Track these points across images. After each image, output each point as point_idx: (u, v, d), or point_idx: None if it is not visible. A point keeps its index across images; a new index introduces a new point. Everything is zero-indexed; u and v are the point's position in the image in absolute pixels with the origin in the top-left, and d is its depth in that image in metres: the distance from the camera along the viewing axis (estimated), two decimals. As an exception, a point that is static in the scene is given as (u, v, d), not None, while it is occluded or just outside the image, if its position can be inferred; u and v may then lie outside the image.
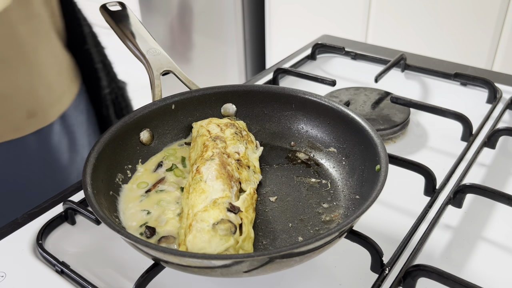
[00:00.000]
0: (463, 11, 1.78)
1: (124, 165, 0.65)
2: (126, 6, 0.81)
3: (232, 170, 0.61)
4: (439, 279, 0.53)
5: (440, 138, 0.87)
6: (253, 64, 2.67)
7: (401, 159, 0.70)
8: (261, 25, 2.56)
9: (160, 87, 0.72)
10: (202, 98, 0.74)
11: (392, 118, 0.87)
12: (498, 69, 1.81)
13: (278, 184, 0.67)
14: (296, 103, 0.73)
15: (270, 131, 0.75)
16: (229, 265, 0.47)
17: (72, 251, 0.64)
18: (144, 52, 0.73)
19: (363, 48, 1.20)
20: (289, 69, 1.04)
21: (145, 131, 0.69)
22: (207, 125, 0.69)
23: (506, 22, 1.72)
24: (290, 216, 0.61)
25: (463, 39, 1.83)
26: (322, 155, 0.70)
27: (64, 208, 0.67)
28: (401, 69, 1.09)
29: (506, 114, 0.93)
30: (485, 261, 0.62)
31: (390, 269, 0.56)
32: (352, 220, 0.50)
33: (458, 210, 0.69)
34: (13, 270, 0.61)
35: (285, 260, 0.49)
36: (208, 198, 0.55)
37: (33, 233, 0.66)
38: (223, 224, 0.51)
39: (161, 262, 0.51)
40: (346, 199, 0.63)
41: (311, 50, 1.17)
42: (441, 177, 0.70)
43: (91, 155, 0.59)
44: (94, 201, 0.52)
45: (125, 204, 0.61)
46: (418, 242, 0.59)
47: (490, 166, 0.80)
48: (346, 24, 2.12)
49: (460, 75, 1.00)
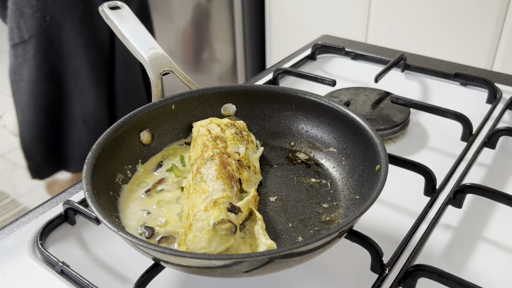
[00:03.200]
0: (463, 11, 1.78)
1: (124, 165, 0.65)
2: (126, 6, 0.81)
3: (233, 170, 0.61)
4: (439, 279, 0.53)
5: (440, 138, 0.87)
6: (253, 64, 2.67)
7: (401, 159, 0.70)
8: (261, 25, 2.56)
9: (160, 87, 0.72)
10: (202, 98, 0.74)
11: (392, 118, 0.87)
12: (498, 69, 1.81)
13: (278, 184, 0.67)
14: (296, 103, 0.73)
15: (270, 131, 0.75)
16: (229, 265, 0.47)
17: (72, 251, 0.64)
18: (144, 52, 0.73)
19: (363, 48, 1.20)
20: (289, 69, 1.04)
21: (145, 131, 0.69)
22: (208, 125, 0.69)
23: (506, 22, 1.72)
24: (290, 216, 0.61)
25: (463, 39, 1.83)
26: (322, 155, 0.70)
27: (64, 208, 0.67)
28: (401, 69, 1.09)
29: (506, 114, 0.93)
30: (485, 261, 0.62)
31: (390, 269, 0.56)
32: (352, 220, 0.50)
33: (458, 210, 0.69)
34: (13, 270, 0.61)
35: (285, 260, 0.49)
36: (208, 198, 0.55)
37: (33, 233, 0.66)
38: (224, 224, 0.51)
39: (161, 262, 0.51)
40: (346, 199, 0.63)
41: (311, 50, 1.17)
42: (441, 177, 0.70)
43: (91, 155, 0.59)
44: (94, 201, 0.52)
45: (125, 204, 0.61)
46: (418, 242, 0.59)
47: (490, 166, 0.80)
48: (346, 24, 2.11)
49: (460, 75, 1.00)
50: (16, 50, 1.75)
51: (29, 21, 1.70)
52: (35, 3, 1.69)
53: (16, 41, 1.74)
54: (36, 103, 1.80)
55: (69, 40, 1.75)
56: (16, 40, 1.74)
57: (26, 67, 1.75)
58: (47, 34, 1.72)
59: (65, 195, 0.74)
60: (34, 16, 1.70)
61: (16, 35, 1.73)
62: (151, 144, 0.70)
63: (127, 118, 0.67)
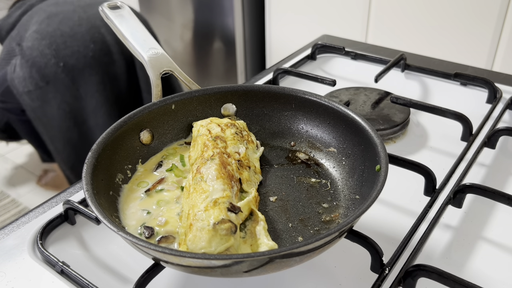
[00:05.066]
0: (463, 11, 1.78)
1: (124, 165, 0.65)
2: (126, 6, 0.81)
3: (233, 170, 0.61)
4: (439, 279, 0.53)
5: (440, 138, 0.87)
6: (253, 64, 2.67)
7: (401, 159, 0.70)
8: (261, 25, 2.56)
9: (160, 87, 0.72)
10: (202, 98, 0.74)
11: (392, 118, 0.87)
12: (498, 69, 1.81)
13: (278, 184, 0.67)
14: (296, 103, 0.73)
15: (270, 131, 0.75)
16: (229, 265, 0.47)
17: (72, 251, 0.64)
18: (144, 52, 0.73)
19: (363, 48, 1.20)
20: (289, 69, 1.04)
21: (145, 131, 0.69)
22: (208, 124, 0.69)
23: (506, 22, 1.72)
24: (290, 216, 0.61)
25: (463, 39, 1.83)
26: (322, 155, 0.70)
27: (64, 208, 0.67)
28: (401, 69, 1.09)
29: (506, 114, 0.93)
30: (485, 261, 0.62)
31: (390, 269, 0.56)
32: (352, 220, 0.50)
33: (458, 210, 0.69)
34: (13, 269, 0.61)
35: (285, 260, 0.49)
36: (208, 198, 0.55)
37: (33, 233, 0.66)
38: (224, 224, 0.51)
39: (161, 262, 0.51)
40: (346, 199, 0.63)
41: (311, 50, 1.17)
42: (441, 177, 0.70)
43: (91, 155, 0.59)
44: (94, 201, 0.52)
45: (125, 204, 0.61)
46: (418, 242, 0.59)
47: (490, 166, 0.80)
48: (346, 24, 2.11)
49: (460, 75, 1.00)
50: (31, 95, 1.77)
51: (43, 70, 1.72)
52: (48, 51, 1.70)
53: (31, 89, 1.75)
54: (62, 136, 1.82)
55: (85, 81, 1.77)
56: (31, 88, 1.75)
57: (47, 106, 1.77)
58: (62, 79, 1.74)
59: (65, 195, 0.74)
60: (48, 65, 1.71)
61: (30, 83, 1.75)
62: (151, 144, 0.70)
63: (127, 118, 0.67)
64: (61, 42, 1.73)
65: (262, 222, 0.55)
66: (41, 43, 1.72)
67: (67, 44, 1.73)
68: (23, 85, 1.75)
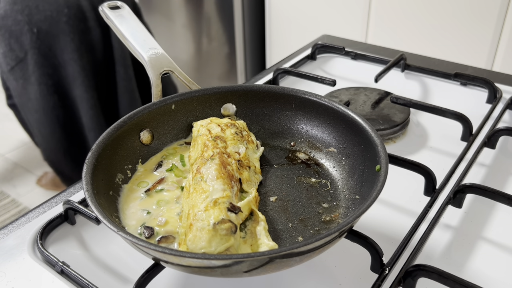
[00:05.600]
0: (463, 11, 1.78)
1: (124, 165, 0.65)
2: (126, 6, 0.81)
3: (233, 170, 0.61)
4: (439, 279, 0.53)
5: (440, 138, 0.87)
6: (253, 64, 2.67)
7: (401, 159, 0.70)
8: (261, 25, 2.56)
9: (160, 87, 0.72)
10: (202, 98, 0.74)
11: (392, 118, 0.87)
12: (498, 69, 1.81)
13: (278, 184, 0.67)
14: (296, 103, 0.73)
15: (270, 131, 0.75)
16: (229, 265, 0.47)
17: (72, 251, 0.64)
18: (144, 52, 0.73)
19: (363, 48, 1.20)
20: (289, 69, 1.04)
21: (145, 131, 0.69)
22: (208, 124, 0.69)
23: (506, 22, 1.72)
24: (290, 216, 0.61)
25: (463, 39, 1.83)
26: (322, 155, 0.70)
27: (64, 208, 0.67)
28: (401, 69, 1.09)
29: (506, 114, 0.93)
30: (485, 261, 0.62)
31: (390, 269, 0.56)
32: (352, 220, 0.50)
33: (458, 210, 0.69)
34: (13, 269, 0.61)
35: (285, 260, 0.49)
36: (208, 198, 0.55)
37: (33, 233, 0.66)
38: (224, 224, 0.51)
39: (161, 262, 0.51)
40: (346, 199, 0.63)
41: (311, 50, 1.17)
42: (441, 177, 0.70)
43: (91, 155, 0.59)
44: (94, 201, 0.52)
45: (125, 204, 0.61)
46: (418, 242, 0.59)
47: (490, 166, 0.80)
48: (346, 24, 2.11)
49: (460, 75, 1.00)
50: (15, 73, 1.74)
51: (20, 39, 1.68)
52: (21, 17, 1.66)
53: (12, 64, 1.72)
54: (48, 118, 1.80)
55: (61, 49, 1.72)
56: (12, 63, 1.72)
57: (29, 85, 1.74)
58: (38, 47, 1.70)
59: (65, 195, 0.74)
60: (22, 32, 1.68)
61: (11, 58, 1.71)
62: (151, 144, 0.70)
63: (127, 118, 0.67)
64: (34, 6, 1.66)
65: (262, 222, 0.55)
66: (13, 8, 1.66)
67: (39, 8, 1.66)
68: (6, 62, 1.72)
